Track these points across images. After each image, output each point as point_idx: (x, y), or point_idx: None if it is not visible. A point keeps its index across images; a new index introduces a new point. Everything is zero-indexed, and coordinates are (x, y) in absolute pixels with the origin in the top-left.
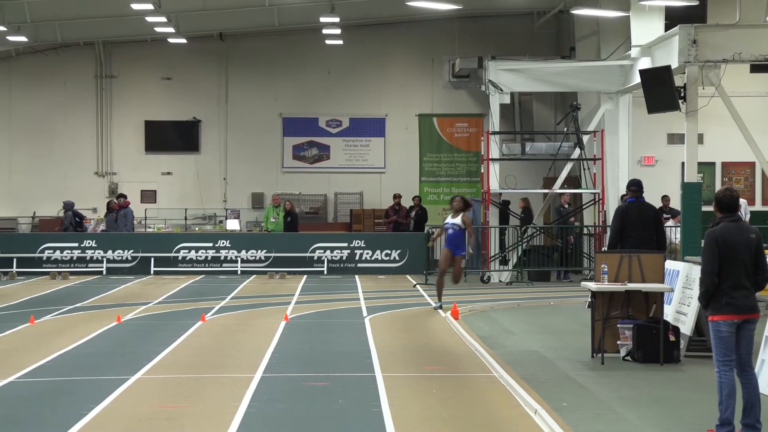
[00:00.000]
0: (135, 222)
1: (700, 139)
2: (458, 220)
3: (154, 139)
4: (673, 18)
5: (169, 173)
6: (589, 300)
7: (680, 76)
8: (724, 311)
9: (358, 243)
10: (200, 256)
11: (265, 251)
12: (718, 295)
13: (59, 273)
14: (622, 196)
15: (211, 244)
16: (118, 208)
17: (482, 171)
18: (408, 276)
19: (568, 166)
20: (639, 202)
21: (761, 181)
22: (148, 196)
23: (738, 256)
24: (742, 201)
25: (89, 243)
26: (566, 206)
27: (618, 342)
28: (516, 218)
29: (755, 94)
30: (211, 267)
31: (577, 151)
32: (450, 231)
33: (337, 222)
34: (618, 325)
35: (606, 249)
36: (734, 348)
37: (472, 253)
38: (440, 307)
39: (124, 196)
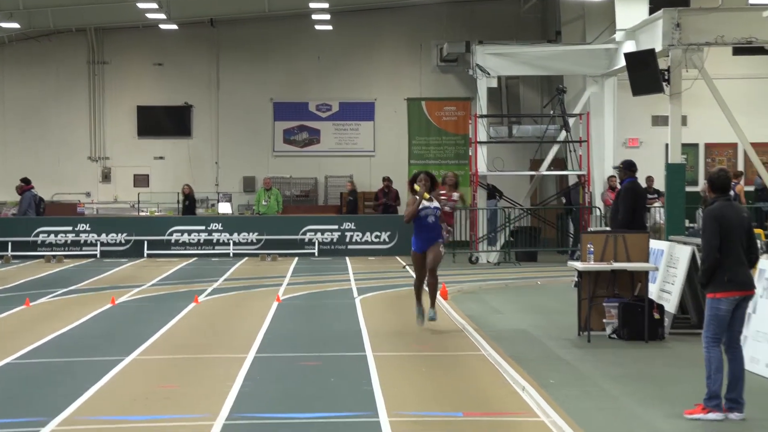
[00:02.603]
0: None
1: (684, 120)
2: (436, 202)
3: (146, 124)
4: (657, 2)
5: (161, 158)
6: (576, 279)
7: (664, 59)
8: (726, 288)
9: (348, 225)
10: (193, 239)
11: (256, 234)
12: (720, 272)
13: (54, 256)
14: (610, 178)
15: (203, 227)
16: (19, 192)
17: (470, 153)
18: (397, 257)
19: (555, 149)
20: (638, 182)
21: (744, 162)
22: (141, 181)
23: (735, 234)
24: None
25: (83, 227)
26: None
27: (604, 320)
28: (507, 200)
29: (738, 77)
30: (204, 250)
31: (563, 133)
32: (431, 219)
33: (327, 205)
34: (604, 304)
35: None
36: (727, 326)
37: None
38: (428, 317)
39: (26, 181)
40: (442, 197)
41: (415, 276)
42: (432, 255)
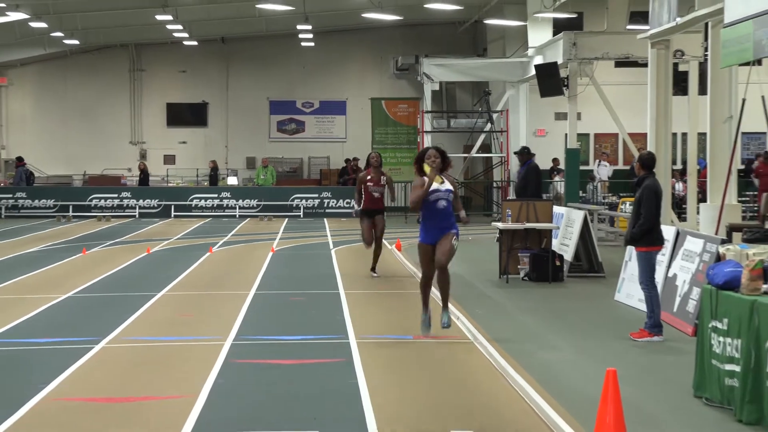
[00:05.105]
0: (158, 178)
1: (579, 116)
2: (448, 184)
3: (173, 116)
4: (559, 26)
5: (184, 142)
6: (498, 236)
7: (564, 69)
8: (657, 243)
9: (326, 194)
10: (208, 204)
11: (256, 200)
12: (653, 231)
13: (103, 216)
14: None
15: (216, 195)
16: (16, 167)
17: (418, 140)
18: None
19: (482, 137)
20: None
21: (623, 147)
22: (169, 159)
23: (661, 203)
24: (606, 163)
25: (125, 194)
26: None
27: (519, 266)
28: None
29: (619, 83)
30: (216, 212)
31: (489, 125)
32: (443, 203)
33: (310, 178)
34: (519, 254)
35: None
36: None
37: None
38: (441, 323)
39: (20, 159)
40: (369, 182)
41: (421, 273)
42: (442, 249)
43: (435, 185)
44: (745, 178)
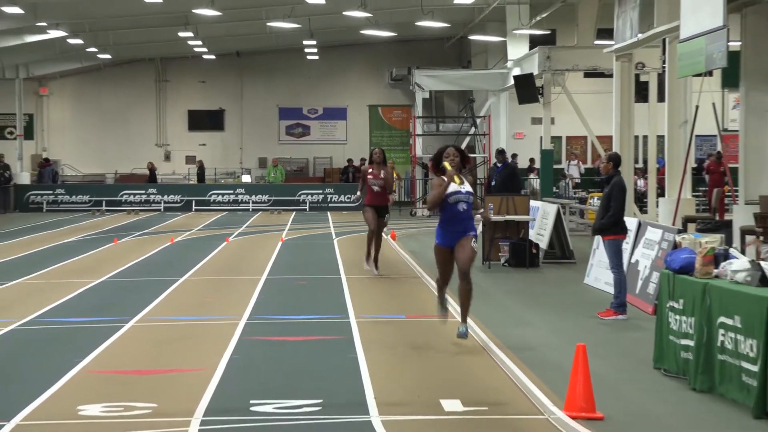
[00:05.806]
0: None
1: (553, 121)
2: (468, 185)
3: (194, 121)
4: (535, 41)
5: (204, 144)
6: (481, 227)
7: (539, 79)
8: (621, 233)
9: (329, 190)
10: (225, 199)
11: (267, 196)
12: (618, 222)
13: (133, 210)
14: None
15: (232, 191)
16: (41, 167)
17: (411, 142)
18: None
19: (467, 139)
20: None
21: (591, 148)
22: (191, 160)
23: (626, 197)
24: (575, 162)
25: (152, 190)
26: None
27: (499, 254)
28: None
29: (587, 92)
30: (232, 206)
31: (473, 129)
32: (463, 206)
33: (315, 176)
34: (500, 243)
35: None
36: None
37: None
38: (457, 332)
39: (46, 159)
40: (369, 176)
41: (438, 275)
42: (463, 255)
43: (455, 186)
44: (698, 175)
